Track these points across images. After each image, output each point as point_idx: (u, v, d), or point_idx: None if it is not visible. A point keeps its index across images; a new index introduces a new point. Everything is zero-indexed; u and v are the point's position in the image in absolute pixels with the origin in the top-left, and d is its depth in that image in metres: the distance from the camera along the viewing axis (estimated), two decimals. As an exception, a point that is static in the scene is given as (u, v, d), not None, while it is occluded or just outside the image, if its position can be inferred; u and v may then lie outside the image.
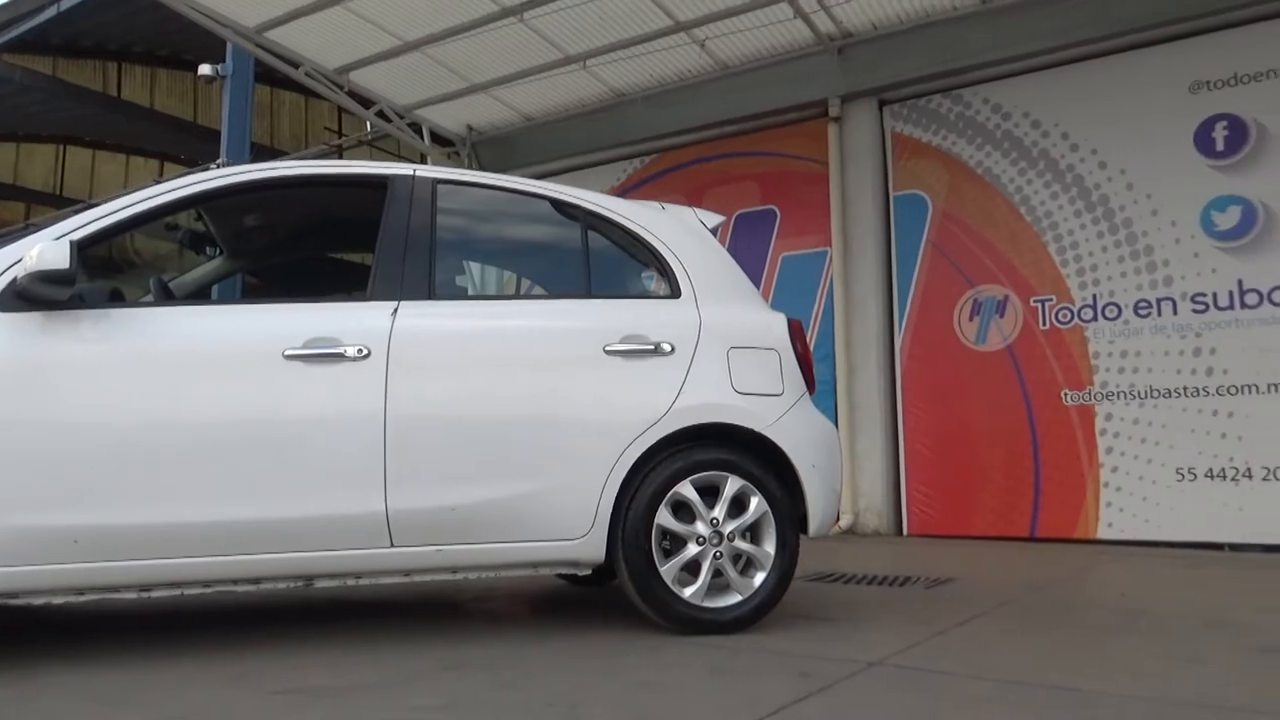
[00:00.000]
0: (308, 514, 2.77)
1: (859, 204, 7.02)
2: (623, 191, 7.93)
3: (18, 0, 13.35)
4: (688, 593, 3.02)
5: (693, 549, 3.05)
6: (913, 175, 6.95)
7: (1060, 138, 6.39)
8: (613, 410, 3.08)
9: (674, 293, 3.35)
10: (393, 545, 2.85)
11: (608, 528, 3.01)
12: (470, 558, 2.95)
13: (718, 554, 3.06)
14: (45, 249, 2.56)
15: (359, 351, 2.87)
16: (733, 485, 3.10)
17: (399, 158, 13.06)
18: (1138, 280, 6.04)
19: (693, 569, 3.05)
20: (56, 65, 15.21)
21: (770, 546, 3.12)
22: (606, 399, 3.08)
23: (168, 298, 3.50)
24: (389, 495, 2.83)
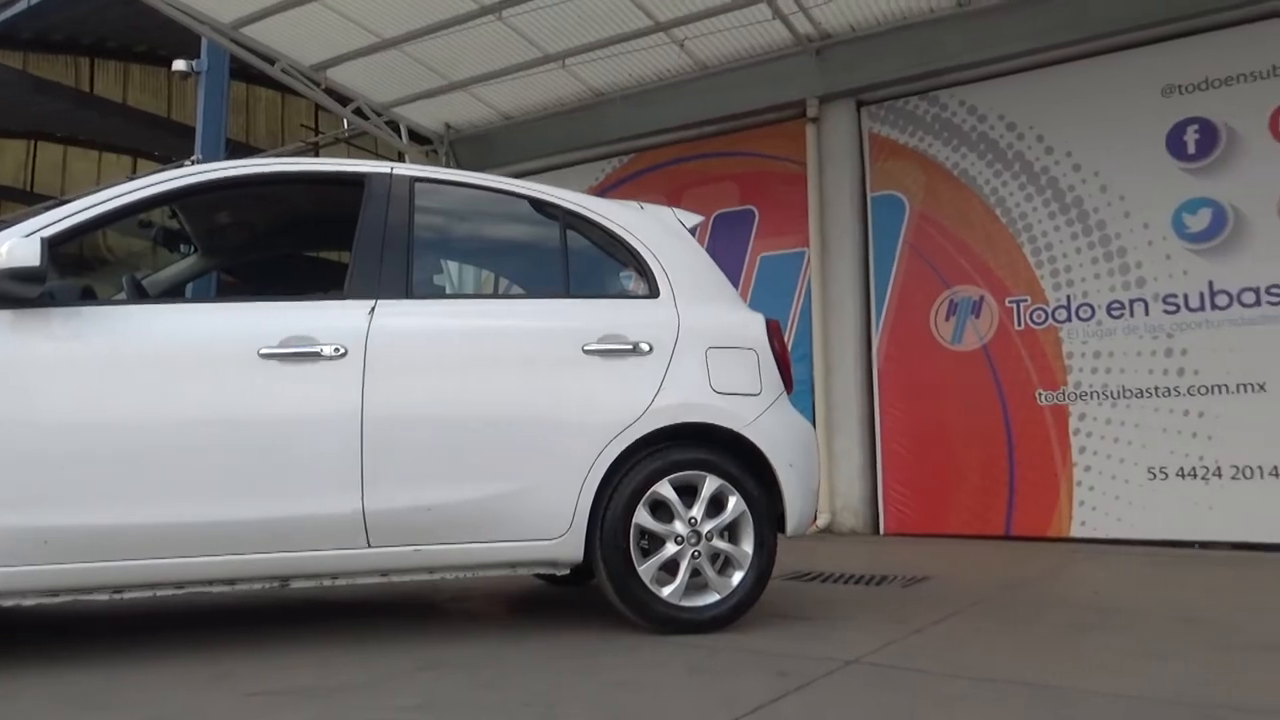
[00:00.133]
0: (284, 514, 2.75)
1: (837, 204, 7.06)
2: (601, 191, 7.92)
3: (-13, -6, 13.19)
4: (666, 592, 3.03)
5: (671, 548, 3.06)
6: (890, 176, 6.99)
7: (1035, 140, 6.45)
8: (591, 410, 3.07)
9: (652, 292, 3.35)
10: (370, 545, 2.83)
11: (586, 527, 3.01)
12: (448, 558, 2.94)
13: (696, 553, 3.07)
14: (15, 246, 2.53)
15: (335, 351, 2.85)
16: (711, 485, 3.11)
17: (376, 156, 12.99)
18: (1111, 281, 6.11)
19: (671, 568, 3.06)
20: (27, 60, 15.02)
21: (748, 546, 3.14)
22: (585, 399, 3.08)
23: (141, 296, 3.46)
24: (366, 495, 2.81)
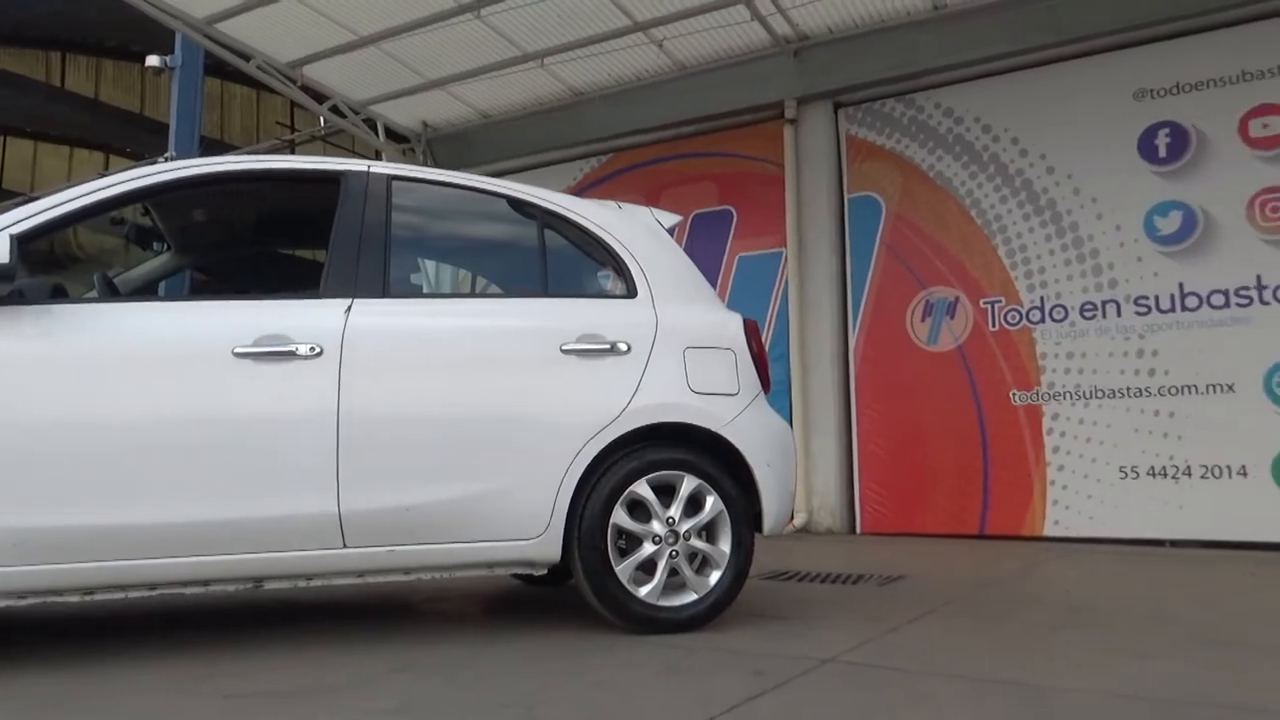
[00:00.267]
0: (258, 515, 2.73)
1: (814, 205, 7.09)
2: (580, 190, 7.91)
3: (-45, -13, 12.97)
4: (643, 592, 3.03)
5: (649, 548, 3.06)
6: (867, 178, 7.03)
7: (1010, 143, 6.51)
8: (569, 410, 3.07)
9: (630, 292, 3.35)
10: (345, 546, 2.81)
11: (564, 527, 3.00)
12: (425, 558, 2.93)
13: (673, 553, 3.07)
14: (-16, 243, 2.49)
15: (311, 350, 2.83)
16: (689, 484, 3.11)
17: (353, 154, 12.91)
18: (1083, 283, 6.18)
19: (648, 568, 3.06)
20: (-3, 54, 14.79)
21: (726, 545, 3.14)
22: (563, 398, 3.08)
23: (113, 294, 3.41)
24: (341, 496, 2.79)
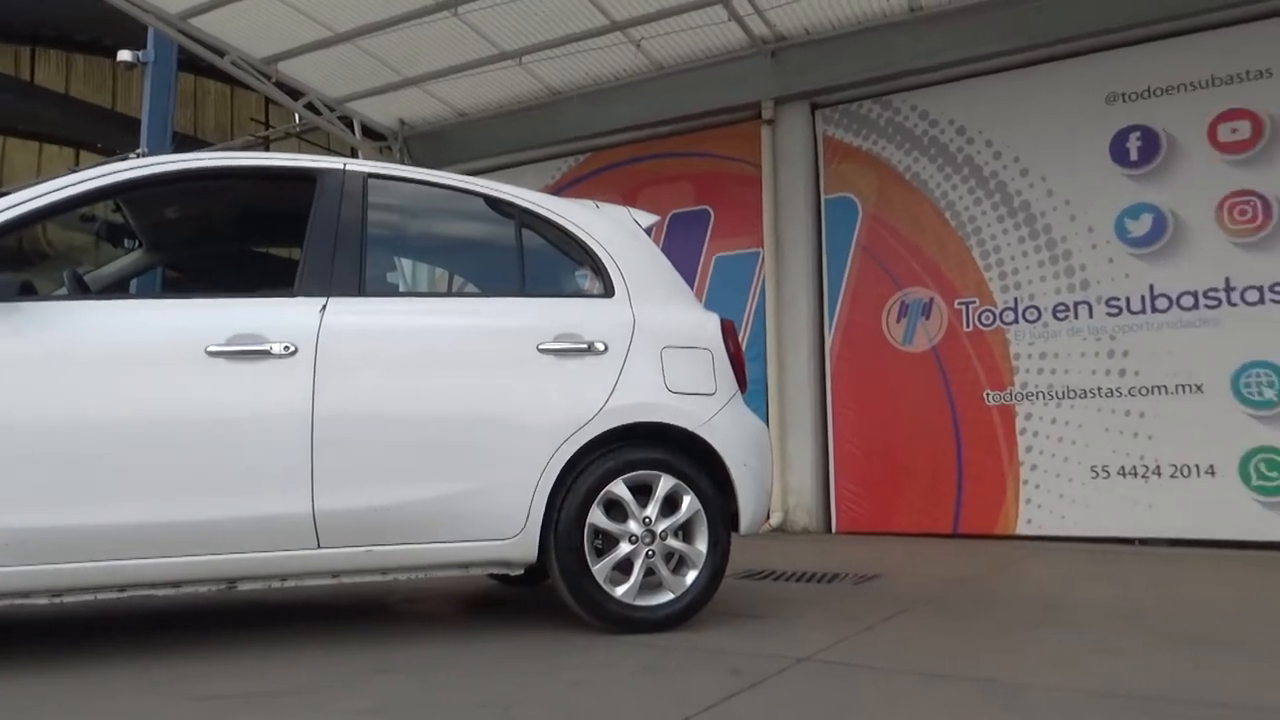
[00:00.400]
0: (231, 515, 2.70)
1: (791, 206, 7.12)
2: (557, 190, 7.90)
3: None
4: (620, 591, 3.03)
5: (625, 548, 3.06)
6: (843, 179, 7.07)
7: (984, 145, 6.57)
8: (546, 409, 3.06)
9: (608, 292, 3.35)
10: (320, 546, 2.79)
11: (540, 527, 3.00)
12: (400, 559, 2.91)
13: (650, 553, 3.07)
14: (-49, 239, 2.45)
15: (285, 348, 2.81)
16: (665, 484, 3.12)
17: (329, 151, 12.81)
18: (1056, 284, 6.24)
19: (625, 568, 3.06)
20: (-36, 47, 14.56)
21: (702, 545, 3.15)
22: (540, 398, 3.07)
23: (83, 291, 3.37)
24: (316, 496, 2.77)
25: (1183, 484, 5.72)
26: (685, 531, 3.17)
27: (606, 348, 3.18)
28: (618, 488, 3.07)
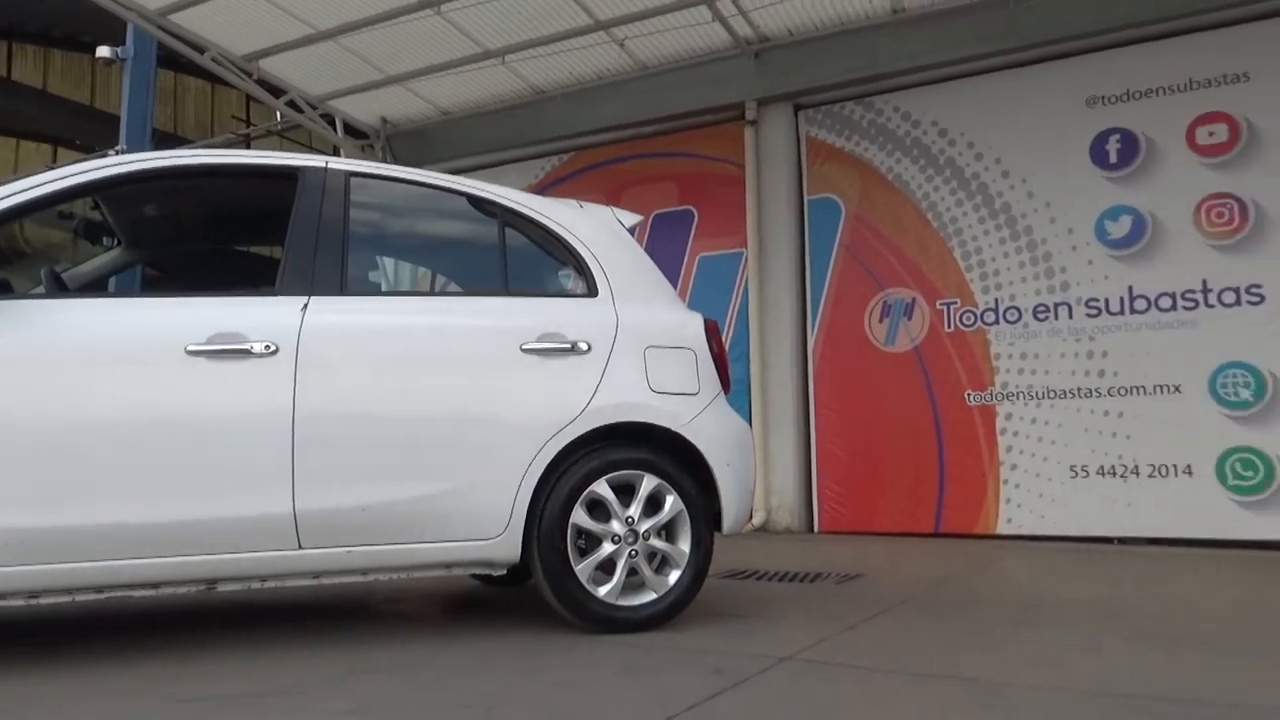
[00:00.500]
0: (211, 515, 2.68)
1: (774, 206, 7.14)
2: (540, 189, 7.89)
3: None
4: (603, 591, 3.03)
5: (608, 548, 3.06)
6: (826, 179, 7.10)
7: (966, 146, 6.61)
8: (529, 409, 3.06)
9: (591, 291, 3.34)
10: (301, 547, 2.77)
11: (523, 527, 2.99)
12: (382, 559, 2.90)
13: (633, 552, 3.07)
14: (-75, 236, 2.42)
15: (266, 348, 2.79)
16: (648, 484, 3.12)
17: (311, 149, 12.74)
18: (1036, 285, 6.29)
19: (608, 568, 3.06)
20: (-61, 42, 14.37)
21: (685, 545, 3.16)
22: (522, 398, 3.06)
23: (60, 289, 3.33)
24: (297, 496, 2.76)
25: (1161, 483, 5.77)
26: (668, 531, 3.17)
27: (590, 348, 3.18)
28: (601, 488, 3.07)
